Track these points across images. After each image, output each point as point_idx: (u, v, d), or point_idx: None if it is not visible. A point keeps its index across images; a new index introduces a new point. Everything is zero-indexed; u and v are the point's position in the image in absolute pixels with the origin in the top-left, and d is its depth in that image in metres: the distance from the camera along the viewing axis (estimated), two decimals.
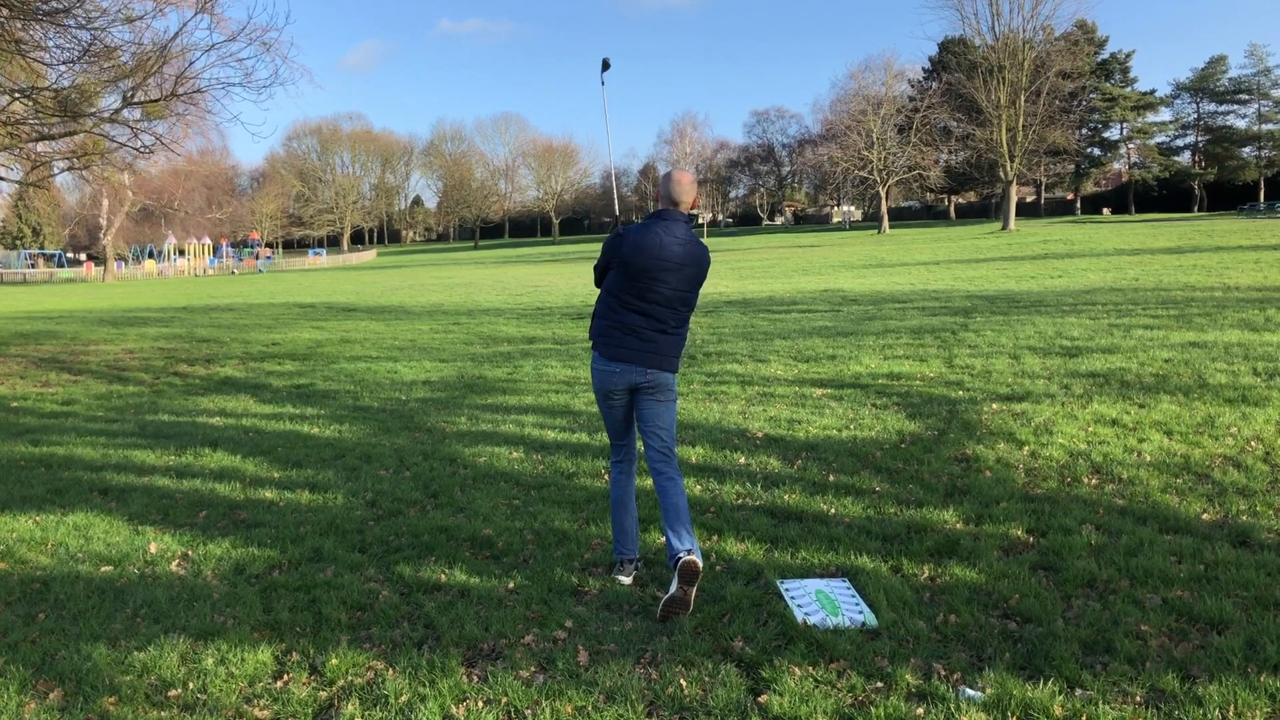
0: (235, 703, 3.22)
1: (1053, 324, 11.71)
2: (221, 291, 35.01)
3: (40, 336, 16.82)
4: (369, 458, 6.64)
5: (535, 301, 21.24)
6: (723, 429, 6.98)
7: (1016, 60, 57.22)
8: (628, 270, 4.00)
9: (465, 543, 4.73)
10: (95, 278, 62.39)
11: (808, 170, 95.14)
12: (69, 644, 3.72)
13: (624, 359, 4.02)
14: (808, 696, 3.08)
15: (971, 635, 3.47)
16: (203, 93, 13.06)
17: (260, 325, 18.14)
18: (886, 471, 5.64)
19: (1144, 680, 3.08)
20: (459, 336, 14.61)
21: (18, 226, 78.97)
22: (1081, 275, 20.22)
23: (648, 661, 3.39)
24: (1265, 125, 73.16)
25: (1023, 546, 4.35)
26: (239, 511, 5.45)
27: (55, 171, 17.64)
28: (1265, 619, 3.45)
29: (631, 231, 4.04)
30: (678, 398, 4.21)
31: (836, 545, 4.44)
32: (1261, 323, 10.75)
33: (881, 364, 9.47)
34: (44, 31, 11.23)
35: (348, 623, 3.83)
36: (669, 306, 4.02)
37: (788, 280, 24.96)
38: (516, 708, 3.12)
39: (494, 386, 9.51)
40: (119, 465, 6.75)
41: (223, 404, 9.36)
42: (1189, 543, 4.24)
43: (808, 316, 14.83)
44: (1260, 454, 5.59)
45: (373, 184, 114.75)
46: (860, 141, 66.41)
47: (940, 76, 70.27)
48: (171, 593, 4.23)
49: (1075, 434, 6.25)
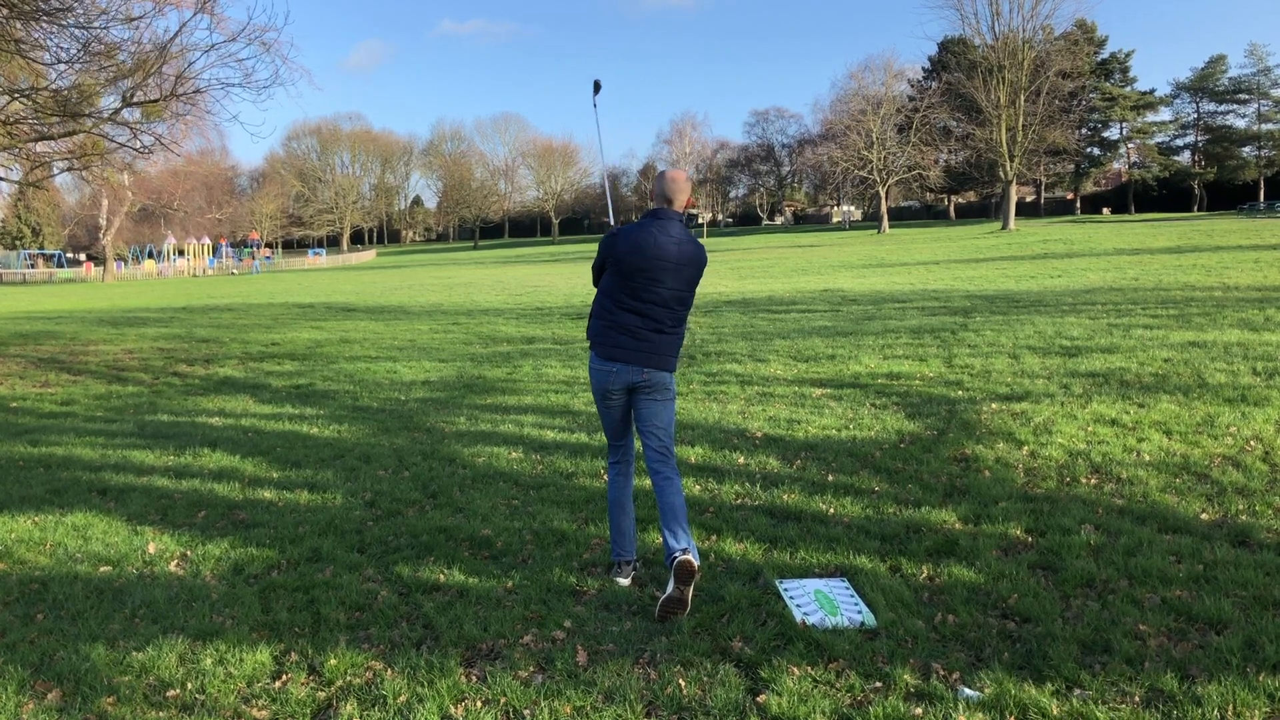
0: (233, 703, 3.22)
1: (1052, 324, 11.71)
2: (221, 292, 35.01)
3: (39, 337, 16.81)
4: (368, 458, 6.64)
5: (535, 301, 21.24)
6: (722, 429, 6.98)
7: (1016, 60, 57.22)
8: (622, 270, 3.99)
9: (464, 543, 4.72)
10: (95, 278, 62.38)
11: (807, 170, 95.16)
12: (67, 644, 3.72)
13: (621, 359, 4.01)
14: (806, 696, 3.08)
15: (970, 635, 3.47)
16: (202, 93, 13.07)
17: (259, 325, 18.14)
18: (885, 471, 5.63)
19: (1143, 680, 3.08)
20: (458, 336, 14.61)
21: (17, 226, 78.92)
22: (1081, 275, 20.22)
23: (646, 661, 3.39)
24: (1265, 125, 73.13)
25: (1022, 546, 4.34)
26: (238, 512, 5.45)
27: (55, 172, 17.64)
28: (1264, 619, 3.45)
29: (626, 231, 4.03)
30: (676, 397, 4.19)
31: (835, 545, 4.44)
32: (1261, 322, 10.75)
33: (881, 364, 9.47)
34: (44, 31, 11.23)
35: (346, 623, 3.82)
36: (665, 306, 4.01)
37: (787, 280, 24.96)
38: (515, 708, 3.12)
39: (493, 386, 9.51)
40: (118, 465, 6.75)
41: (222, 404, 9.36)
42: (1188, 542, 4.24)
43: (807, 316, 14.83)
44: (1259, 453, 5.58)
45: (372, 184, 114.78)
46: (860, 141, 66.40)
47: (940, 76, 70.29)
48: (170, 593, 4.23)
49: (1074, 434, 6.25)
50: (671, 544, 3.84)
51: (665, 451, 4.07)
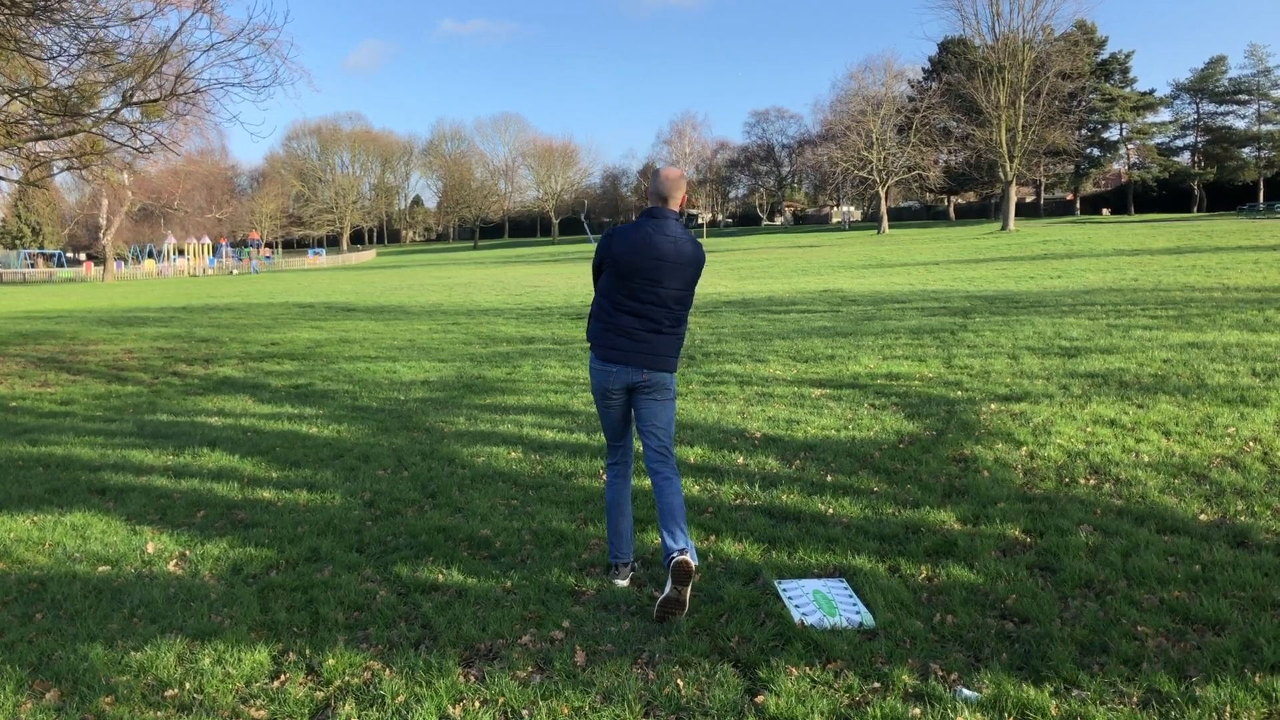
0: (232, 703, 3.22)
1: (1051, 324, 11.71)
2: (221, 291, 35.01)
3: (39, 336, 16.81)
4: (367, 458, 6.64)
5: (534, 301, 21.24)
6: (721, 429, 6.98)
7: (1016, 60, 57.23)
8: (619, 270, 3.97)
9: (463, 543, 4.72)
10: (95, 277, 62.36)
11: (807, 170, 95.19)
12: (66, 644, 3.72)
13: (619, 360, 4.00)
14: (805, 697, 3.08)
15: (968, 636, 3.47)
16: (202, 92, 13.06)
17: (259, 325, 18.14)
18: (884, 472, 5.64)
19: (1141, 681, 3.08)
20: (458, 336, 14.61)
21: (17, 226, 78.94)
22: (1080, 276, 20.22)
23: (645, 662, 3.39)
24: (1265, 126, 73.17)
25: (1020, 547, 4.35)
26: (237, 511, 5.45)
27: (55, 171, 17.63)
28: (1262, 619, 3.45)
29: (622, 231, 4.01)
30: (676, 397, 4.17)
31: (834, 545, 4.44)
32: (1260, 323, 10.75)
33: (880, 364, 9.47)
34: (41, 26, 11.22)
35: (345, 623, 3.82)
36: (663, 305, 3.98)
37: (787, 280, 24.96)
38: (513, 708, 3.12)
39: (492, 386, 9.51)
40: (117, 465, 6.75)
41: (221, 404, 9.36)
42: (1186, 543, 4.24)
43: (807, 317, 14.83)
44: (1258, 454, 5.59)
45: (372, 184, 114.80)
46: (860, 142, 66.40)
47: (940, 77, 70.31)
48: (169, 593, 4.23)
49: (1073, 434, 6.25)
50: (669, 544, 3.83)
51: (664, 452, 4.07)
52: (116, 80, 13.10)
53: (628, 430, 4.20)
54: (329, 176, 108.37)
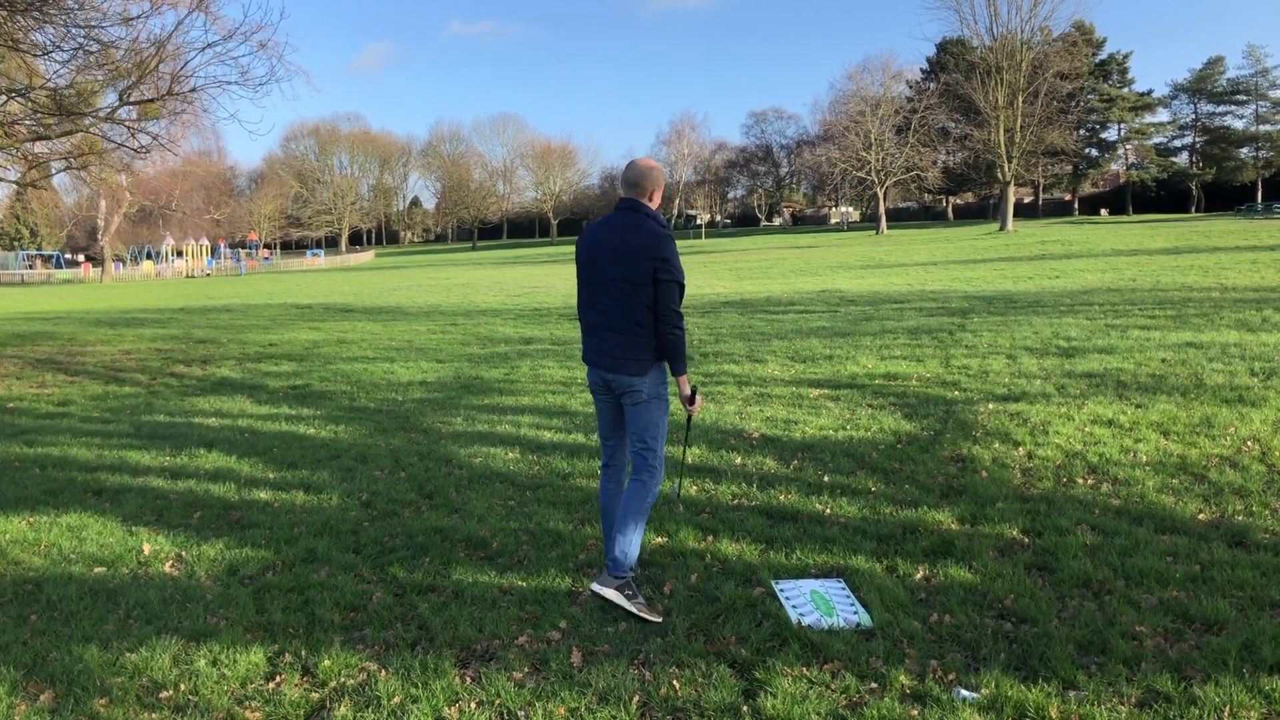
0: (227, 704, 3.21)
1: (1050, 324, 11.71)
2: (219, 292, 34.98)
3: (37, 337, 16.79)
4: (364, 458, 6.63)
5: (533, 302, 21.22)
6: (719, 429, 6.97)
7: (1014, 61, 57.28)
8: (578, 268, 3.97)
9: (460, 543, 4.71)
10: (93, 279, 62.31)
11: (806, 171, 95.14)
12: (61, 645, 3.71)
13: (590, 360, 3.97)
14: (802, 697, 3.07)
15: (966, 636, 3.46)
16: (198, 91, 13.06)
17: (257, 326, 18.12)
18: (882, 472, 5.63)
19: (1139, 681, 3.07)
20: (456, 337, 14.59)
21: (15, 227, 78.84)
22: (1079, 276, 20.23)
23: (641, 662, 3.38)
24: (1263, 126, 73.30)
25: (1018, 547, 4.34)
26: (233, 512, 5.43)
27: (53, 172, 17.62)
28: (1261, 619, 3.44)
29: (588, 226, 3.99)
30: (659, 400, 3.92)
31: (832, 546, 4.43)
32: (1258, 323, 10.75)
33: (878, 364, 9.46)
34: (37, 22, 11.19)
35: (341, 624, 3.81)
36: (611, 298, 3.79)
37: (785, 281, 24.95)
38: (509, 709, 3.11)
39: (490, 387, 9.50)
40: (114, 466, 6.73)
41: (219, 405, 9.34)
42: (1185, 543, 4.24)
43: (805, 317, 14.82)
44: (1256, 454, 5.58)
45: (371, 185, 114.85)
46: (858, 142, 66.42)
47: (938, 77, 70.38)
48: (165, 594, 4.21)
49: (1071, 434, 6.24)
50: (608, 547, 3.90)
51: (642, 453, 3.95)
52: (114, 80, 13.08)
53: (616, 431, 4.11)
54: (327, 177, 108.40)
